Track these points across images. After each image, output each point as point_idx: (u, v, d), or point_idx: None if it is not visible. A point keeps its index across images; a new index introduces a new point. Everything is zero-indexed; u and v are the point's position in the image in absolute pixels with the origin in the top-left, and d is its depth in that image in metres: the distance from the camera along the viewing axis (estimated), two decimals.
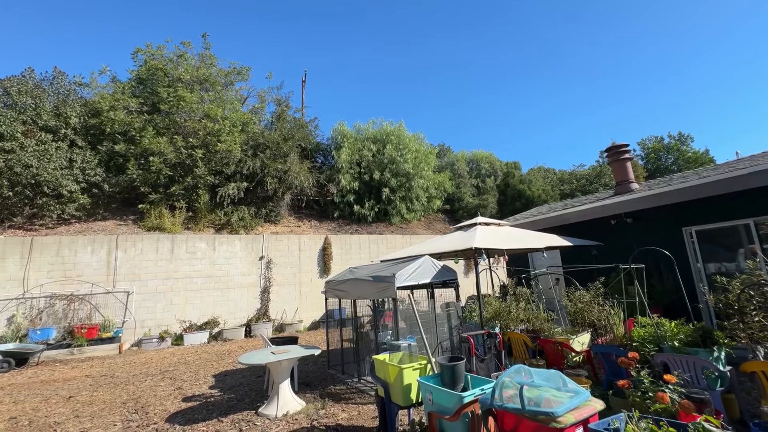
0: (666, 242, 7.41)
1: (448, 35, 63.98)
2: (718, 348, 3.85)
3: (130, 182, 13.60)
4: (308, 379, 6.73)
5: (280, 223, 16.55)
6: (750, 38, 55.25)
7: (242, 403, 5.54)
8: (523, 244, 6.71)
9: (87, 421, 5.23)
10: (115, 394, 6.56)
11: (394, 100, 62.40)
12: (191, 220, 14.49)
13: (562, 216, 8.84)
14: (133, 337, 11.37)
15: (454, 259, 6.91)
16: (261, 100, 19.31)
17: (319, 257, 14.74)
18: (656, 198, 7.09)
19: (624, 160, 8.84)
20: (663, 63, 62.08)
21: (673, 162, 27.54)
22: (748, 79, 56.53)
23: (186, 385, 6.82)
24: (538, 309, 6.04)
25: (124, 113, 14.07)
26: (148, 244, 12.14)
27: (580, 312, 5.29)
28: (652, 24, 59.61)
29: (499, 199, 23.11)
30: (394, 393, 3.75)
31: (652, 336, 4.27)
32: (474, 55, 67.61)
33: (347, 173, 17.88)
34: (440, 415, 3.06)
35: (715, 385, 3.80)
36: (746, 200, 6.25)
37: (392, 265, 6.13)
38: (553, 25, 63.03)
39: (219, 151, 14.67)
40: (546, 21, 62.56)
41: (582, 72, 67.79)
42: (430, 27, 62.51)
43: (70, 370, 8.65)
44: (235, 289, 13.00)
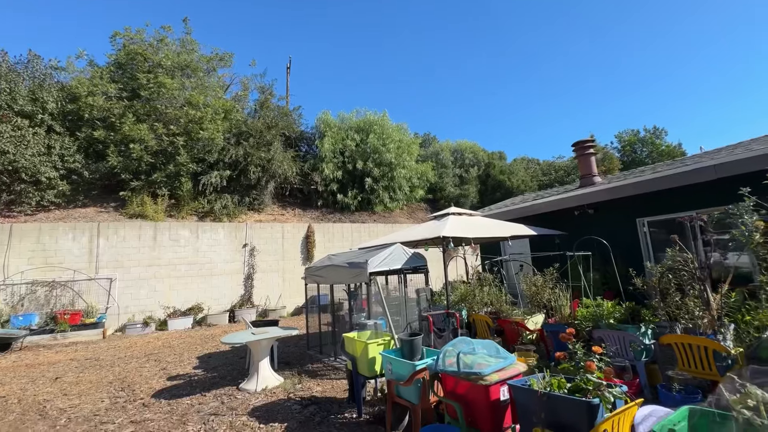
0: (622, 232, 8.04)
1: (440, 26, 63.60)
2: (644, 324, 4.41)
3: (111, 169, 13.54)
4: (288, 358, 7.15)
5: (263, 211, 16.73)
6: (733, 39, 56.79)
7: (224, 380, 5.92)
8: (490, 233, 7.20)
9: (75, 398, 5.54)
10: (101, 375, 6.85)
11: (379, 89, 62.04)
12: (174, 207, 14.56)
13: (531, 207, 9.38)
14: (116, 323, 11.56)
15: (424, 246, 7.36)
16: (244, 88, 19.20)
17: (302, 245, 15.06)
18: (613, 191, 7.66)
19: (588, 155, 9.39)
20: (653, 60, 63.35)
21: (648, 155, 28.62)
22: (730, 75, 58.31)
23: (170, 366, 7.16)
24: (500, 293, 6.56)
25: (102, 99, 13.89)
26: (131, 232, 12.23)
27: (535, 295, 5.82)
28: (655, 13, 60.52)
29: (480, 189, 23.70)
30: (361, 365, 4.19)
31: (592, 315, 4.82)
32: (464, 49, 67.53)
33: (330, 162, 18.09)
34: (397, 382, 3.51)
35: (640, 356, 4.37)
36: (690, 194, 6.84)
37: (367, 253, 6.53)
38: (539, 24, 63.36)
39: (201, 139, 14.68)
40: (532, 18, 62.79)
41: (578, 62, 68.57)
42: (421, 17, 61.98)
43: (54, 355, 8.85)
44: (219, 276, 13.24)
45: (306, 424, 4.05)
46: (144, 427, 4.26)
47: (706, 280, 3.86)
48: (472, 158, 25.24)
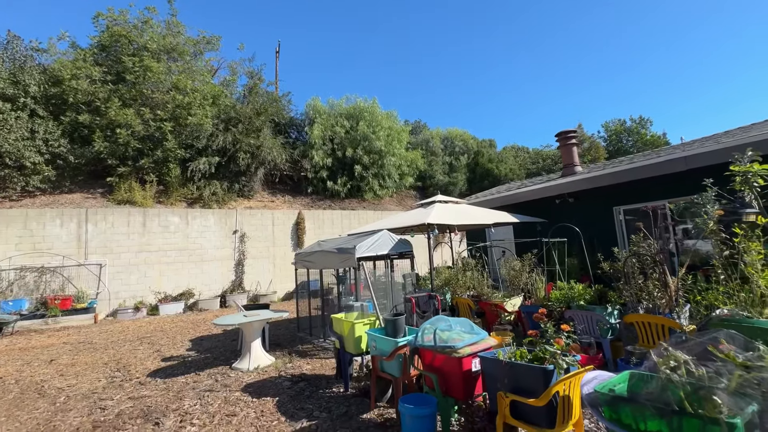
0: (600, 220, 8.43)
1: (430, 14, 62.65)
2: (611, 305, 4.76)
3: (97, 154, 13.39)
4: (279, 340, 7.42)
5: (253, 198, 16.77)
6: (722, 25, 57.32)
7: (218, 361, 6.17)
8: (474, 220, 7.48)
9: (72, 379, 5.73)
10: (95, 357, 7.03)
11: (369, 75, 61.36)
12: (163, 194, 14.52)
13: (515, 195, 9.69)
14: (107, 308, 11.67)
15: (410, 233, 7.62)
16: (232, 72, 18.93)
17: (292, 232, 15.22)
18: (592, 180, 7.99)
19: (570, 145, 9.70)
20: (638, 45, 63.66)
21: (633, 144, 29.20)
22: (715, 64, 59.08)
23: (164, 348, 7.37)
24: (482, 277, 6.89)
25: (87, 82, 13.62)
26: (120, 218, 12.23)
27: (514, 279, 6.16)
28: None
29: (468, 177, 23.99)
30: (348, 344, 4.47)
31: (564, 297, 5.17)
32: (455, 35, 66.84)
33: (320, 149, 18.11)
34: (381, 357, 3.80)
35: (606, 334, 4.74)
36: (663, 184, 7.21)
37: (355, 239, 6.76)
38: (530, 6, 62.88)
39: (189, 125, 14.56)
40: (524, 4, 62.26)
41: (571, 48, 68.55)
42: (411, 4, 60.93)
43: (46, 339, 8.97)
44: (210, 261, 13.37)
45: (296, 398, 4.34)
46: (142, 402, 4.49)
47: (665, 264, 4.19)
48: (462, 146, 25.42)
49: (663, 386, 1.84)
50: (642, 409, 1.88)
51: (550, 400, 2.34)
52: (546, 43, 67.92)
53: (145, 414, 4.12)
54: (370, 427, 3.51)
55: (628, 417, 1.94)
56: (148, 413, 4.14)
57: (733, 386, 1.79)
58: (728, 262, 4.00)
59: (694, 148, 7.07)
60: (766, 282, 3.55)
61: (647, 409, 1.85)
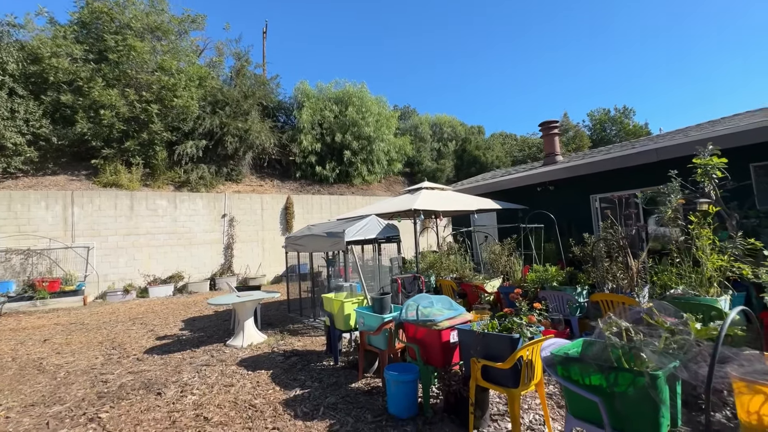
0: (578, 207, 8.86)
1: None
2: (580, 286, 5.18)
3: (80, 136, 13.16)
4: (270, 320, 7.72)
5: (242, 182, 16.77)
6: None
7: (212, 339, 6.44)
8: (459, 206, 7.81)
9: (69, 356, 5.93)
10: (89, 336, 7.21)
11: (358, 58, 60.37)
12: (149, 177, 14.42)
13: (498, 182, 10.04)
14: (96, 291, 11.73)
15: (397, 218, 7.92)
16: (219, 53, 18.57)
17: (281, 216, 15.36)
18: (571, 170, 8.37)
19: (553, 135, 10.05)
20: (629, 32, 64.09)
21: (616, 134, 29.90)
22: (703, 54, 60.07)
23: (157, 328, 7.59)
24: (464, 261, 7.27)
25: (67, 61, 13.25)
26: (106, 201, 12.16)
27: (493, 262, 6.55)
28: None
29: (456, 164, 24.32)
30: (337, 321, 4.79)
31: (539, 278, 5.57)
32: (447, 19, 65.93)
33: (309, 134, 18.10)
34: (368, 332, 4.13)
35: (575, 312, 5.18)
36: (636, 174, 7.63)
37: (344, 223, 7.02)
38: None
39: (175, 107, 14.37)
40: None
41: (560, 34, 68.51)
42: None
43: (36, 320, 9.06)
44: (199, 245, 13.46)
45: (289, 371, 4.66)
46: (142, 375, 4.75)
47: (628, 248, 4.60)
48: (450, 132, 25.64)
49: (604, 347, 2.20)
50: (587, 366, 2.23)
51: (515, 364, 2.70)
52: (536, 28, 67.76)
53: (147, 386, 4.39)
54: (358, 395, 3.86)
55: (577, 374, 2.30)
56: (149, 385, 4.41)
57: (661, 347, 2.16)
58: (683, 246, 4.42)
59: (666, 141, 7.48)
60: (713, 265, 3.97)
61: (591, 366, 2.21)
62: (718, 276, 4.01)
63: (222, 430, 3.26)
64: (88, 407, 3.88)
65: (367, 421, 3.27)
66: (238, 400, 3.84)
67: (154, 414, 3.64)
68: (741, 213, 5.77)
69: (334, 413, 3.45)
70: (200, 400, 3.92)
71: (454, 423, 3.15)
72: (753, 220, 5.69)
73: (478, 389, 2.98)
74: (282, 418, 3.41)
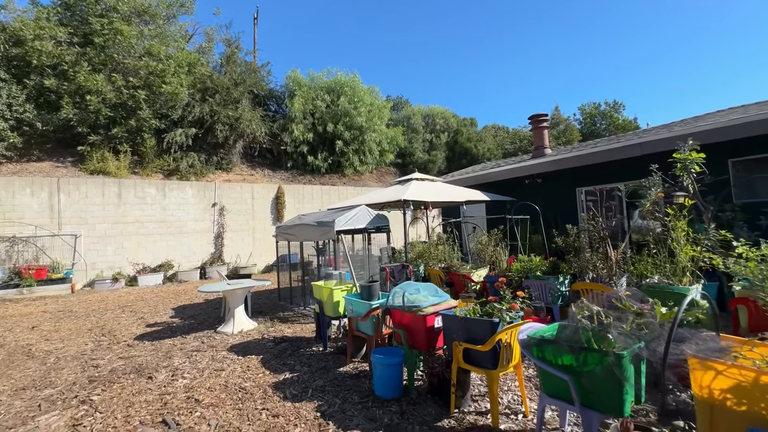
0: (565, 199, 9.06)
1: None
2: (562, 275, 5.36)
3: (66, 121, 12.90)
4: (261, 309, 7.80)
5: (232, 171, 16.65)
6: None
7: (202, 326, 6.50)
8: (447, 197, 7.93)
9: (58, 343, 5.95)
10: (78, 324, 7.21)
11: (351, 48, 59.64)
12: (138, 164, 14.23)
13: (487, 174, 10.18)
14: (84, 279, 11.65)
15: (387, 209, 8.01)
16: (208, 39, 18.21)
17: (272, 206, 15.33)
18: (558, 163, 8.54)
19: (542, 128, 10.19)
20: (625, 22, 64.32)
21: (606, 128, 30.25)
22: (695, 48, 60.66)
23: (147, 316, 7.62)
24: (452, 251, 7.42)
25: (51, 44, 12.90)
26: (93, 188, 12.01)
27: (480, 252, 6.70)
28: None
29: (447, 155, 24.41)
30: (327, 308, 4.90)
31: (523, 268, 5.74)
32: (444, 10, 65.27)
33: (301, 123, 17.97)
34: (356, 318, 4.25)
35: (557, 300, 5.36)
36: (621, 168, 7.82)
37: (335, 213, 7.08)
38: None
39: (164, 94, 14.13)
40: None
41: (556, 26, 68.43)
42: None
43: (23, 307, 9.00)
44: (189, 234, 13.40)
45: (279, 356, 4.77)
46: (133, 361, 4.81)
47: (608, 239, 4.77)
48: (442, 124, 25.65)
49: (576, 330, 2.34)
50: (560, 347, 2.38)
51: (494, 347, 2.84)
52: (532, 21, 67.57)
53: (138, 370, 4.46)
54: (346, 378, 3.99)
55: (550, 355, 2.44)
56: (140, 369, 4.48)
57: (628, 329, 2.30)
58: (660, 238, 4.60)
59: (649, 136, 7.67)
60: (686, 255, 4.16)
61: (563, 347, 2.35)
62: (691, 266, 4.20)
63: (213, 411, 3.36)
64: (80, 390, 3.94)
65: (354, 402, 3.40)
66: (228, 384, 3.94)
67: (145, 396, 3.73)
68: (717, 206, 6.00)
69: (322, 395, 3.58)
70: (191, 383, 4.01)
71: (437, 404, 3.29)
72: (728, 213, 5.92)
73: (460, 371, 3.12)
74: (271, 400, 3.52)
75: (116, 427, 3.15)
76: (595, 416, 2.25)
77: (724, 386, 1.76)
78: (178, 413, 3.34)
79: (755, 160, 6.49)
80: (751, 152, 6.44)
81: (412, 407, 3.25)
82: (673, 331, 1.81)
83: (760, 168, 6.42)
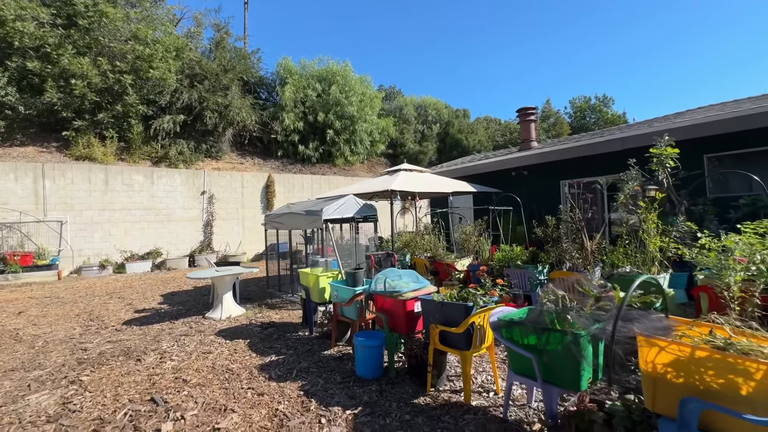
0: (549, 192, 9.28)
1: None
2: (541, 264, 5.57)
3: (50, 106, 12.63)
4: (249, 295, 7.91)
5: (222, 159, 16.53)
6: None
7: (190, 312, 6.60)
8: (434, 188, 8.07)
9: (46, 327, 5.99)
10: (65, 309, 7.24)
11: (343, 36, 58.82)
12: (125, 151, 14.05)
13: (475, 166, 10.34)
14: (71, 265, 11.58)
15: (375, 199, 8.13)
16: (197, 24, 17.85)
17: (262, 194, 15.31)
18: (543, 156, 8.72)
19: (529, 121, 10.35)
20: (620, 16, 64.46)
21: (595, 122, 30.62)
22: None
23: (136, 302, 7.67)
24: (438, 240, 7.59)
25: (33, 25, 12.54)
26: (79, 174, 11.86)
27: (464, 242, 6.89)
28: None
29: (438, 147, 24.52)
30: (313, 294, 5.04)
31: (505, 257, 5.94)
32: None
33: (291, 112, 17.86)
34: (341, 304, 4.39)
35: (535, 288, 5.56)
36: (603, 162, 8.04)
37: (323, 202, 7.18)
38: None
39: (151, 79, 13.90)
40: None
41: (549, 19, 68.26)
42: None
43: (9, 294, 8.95)
44: (177, 222, 13.35)
45: (266, 340, 4.91)
46: (121, 344, 4.90)
47: (584, 230, 4.98)
48: (434, 115, 25.69)
49: (540, 312, 2.52)
50: (526, 329, 2.55)
51: (468, 329, 3.01)
52: (527, 14, 67.32)
53: (126, 353, 4.56)
54: (330, 360, 4.15)
55: (518, 335, 2.62)
56: (129, 352, 4.58)
57: (588, 311, 2.49)
58: (632, 229, 4.82)
59: (631, 131, 7.89)
60: (655, 246, 4.38)
61: (529, 328, 2.53)
62: (660, 256, 4.43)
63: (200, 390, 3.50)
64: (69, 371, 4.04)
65: (336, 382, 3.56)
66: (215, 365, 4.08)
67: (134, 377, 3.84)
68: (690, 200, 6.25)
69: (306, 375, 3.73)
70: (179, 365, 4.13)
71: (415, 383, 3.47)
72: (700, 207, 6.18)
73: (437, 352, 3.30)
74: (257, 380, 3.67)
75: (105, 405, 3.26)
76: (555, 391, 2.44)
77: (665, 361, 1.95)
78: (166, 392, 3.47)
79: (729, 156, 6.76)
80: (725, 148, 6.70)
81: (390, 386, 3.42)
82: (620, 311, 1.99)
83: (733, 164, 6.69)
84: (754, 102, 7.27)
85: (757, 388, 1.67)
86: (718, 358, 1.78)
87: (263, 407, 3.14)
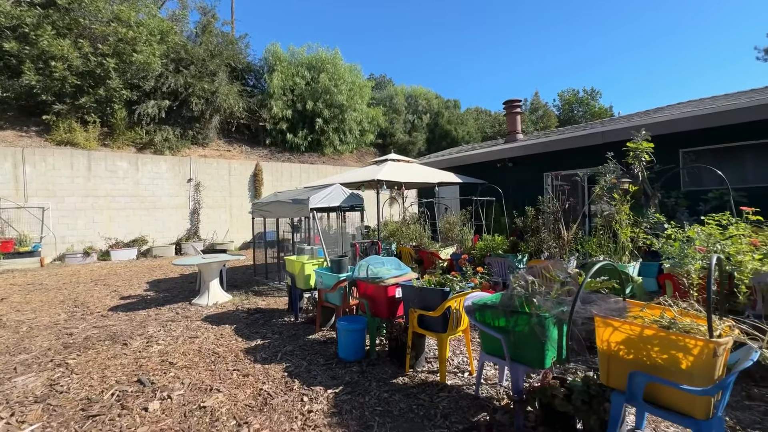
0: (533, 183, 9.48)
1: None
2: (521, 253, 5.77)
3: (29, 88, 12.26)
4: (237, 283, 7.97)
5: (208, 146, 16.32)
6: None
7: (177, 299, 6.65)
8: (421, 179, 8.18)
9: (30, 314, 5.98)
10: (49, 296, 7.20)
11: (333, 22, 57.81)
12: (108, 136, 13.77)
13: (462, 157, 10.48)
14: (54, 253, 11.43)
15: (362, 188, 8.21)
16: (182, 6, 17.38)
17: (250, 183, 15.22)
18: (527, 148, 8.90)
19: (515, 113, 10.50)
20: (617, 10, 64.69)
21: (582, 115, 31.01)
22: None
23: (121, 289, 7.67)
24: (423, 230, 7.75)
25: (10, 4, 12.08)
26: (61, 159, 11.62)
27: (448, 231, 7.06)
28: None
29: (428, 137, 24.57)
30: (299, 281, 5.15)
31: (487, 246, 6.13)
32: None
33: (280, 100, 17.67)
34: (326, 290, 4.52)
35: None
36: (584, 155, 8.25)
37: (310, 191, 7.24)
38: None
39: (135, 63, 13.56)
40: None
41: (547, 11, 68.09)
42: None
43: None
44: (164, 209, 13.23)
45: (252, 325, 5.01)
46: (108, 329, 4.95)
47: (561, 221, 5.18)
48: (425, 105, 25.65)
49: (510, 296, 2.68)
50: (497, 312, 2.71)
51: (444, 313, 3.17)
52: (523, 7, 67.04)
53: (113, 337, 4.62)
54: (314, 344, 4.29)
55: (489, 318, 2.78)
56: (115, 337, 4.64)
57: (554, 295, 2.66)
58: (607, 220, 5.03)
59: (611, 125, 8.10)
60: (626, 236, 4.60)
61: (500, 311, 2.69)
62: (630, 246, 4.65)
63: (186, 372, 3.60)
64: (55, 355, 4.09)
65: (319, 364, 3.71)
66: (202, 349, 4.18)
67: (121, 360, 3.92)
68: (664, 193, 6.50)
69: (290, 358, 3.87)
70: (165, 349, 4.21)
71: (395, 364, 3.64)
72: (673, 199, 6.44)
73: (415, 335, 3.46)
74: (242, 362, 3.78)
75: (93, 386, 3.35)
76: (522, 369, 2.62)
77: (618, 339, 2.12)
78: (152, 374, 3.57)
79: (702, 151, 7.03)
80: (699, 143, 6.96)
81: (371, 368, 3.58)
82: (578, 294, 2.16)
83: (706, 158, 6.96)
84: (729, 99, 7.53)
85: (695, 362, 1.86)
86: (662, 336, 1.96)
87: (248, 387, 3.27)
